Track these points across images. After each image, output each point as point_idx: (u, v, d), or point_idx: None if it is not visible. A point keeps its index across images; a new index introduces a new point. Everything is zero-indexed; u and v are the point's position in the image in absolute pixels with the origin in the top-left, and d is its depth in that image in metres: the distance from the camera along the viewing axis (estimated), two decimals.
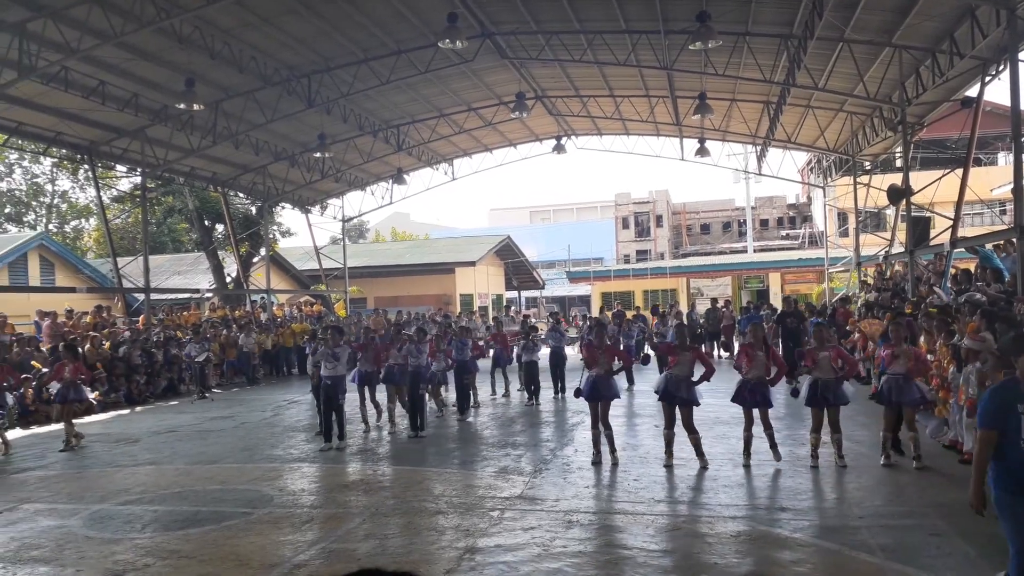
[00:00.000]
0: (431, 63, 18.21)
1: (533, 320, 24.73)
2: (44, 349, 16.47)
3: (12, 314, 18.72)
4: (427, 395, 12.57)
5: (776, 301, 30.27)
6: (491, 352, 15.93)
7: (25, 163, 40.50)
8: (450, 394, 14.20)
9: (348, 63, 18.15)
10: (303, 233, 54.08)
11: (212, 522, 7.22)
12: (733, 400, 8.90)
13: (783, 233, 56.00)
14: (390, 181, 29.08)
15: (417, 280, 36.05)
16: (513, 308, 34.14)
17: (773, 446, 8.66)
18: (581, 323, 25.81)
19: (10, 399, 12.08)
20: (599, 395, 9.10)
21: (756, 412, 8.71)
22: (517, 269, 42.58)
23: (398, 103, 22.09)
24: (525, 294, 47.18)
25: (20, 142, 20.01)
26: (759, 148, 26.14)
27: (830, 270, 28.85)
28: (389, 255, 40.48)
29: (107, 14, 13.41)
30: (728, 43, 15.85)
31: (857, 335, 14.68)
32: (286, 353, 23.15)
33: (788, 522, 6.63)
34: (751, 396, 8.68)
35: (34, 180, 42.05)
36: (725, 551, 5.95)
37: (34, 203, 42.58)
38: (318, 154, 22.21)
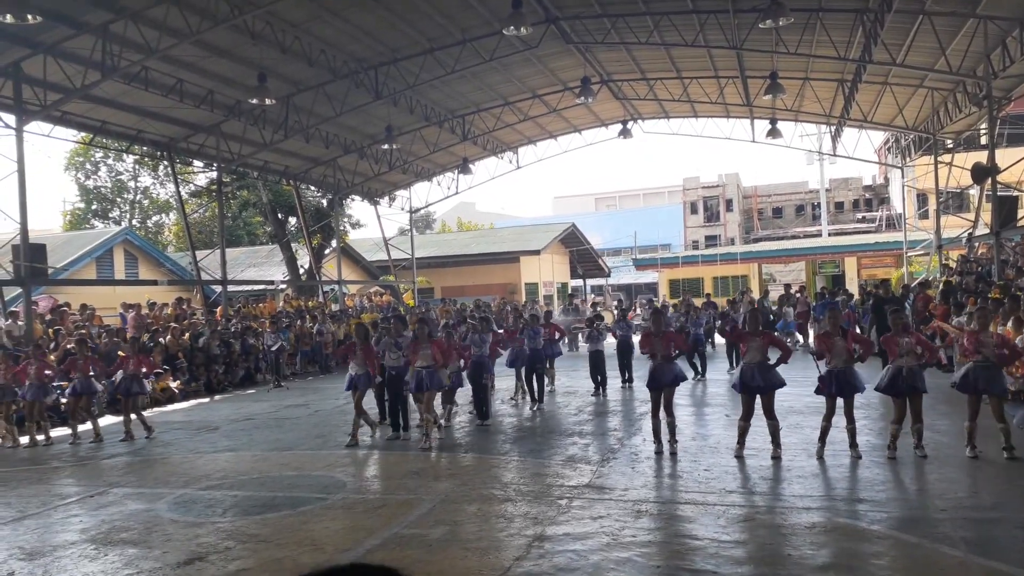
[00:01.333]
0: (496, 51, 18.23)
1: (599, 308, 24.57)
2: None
3: (99, 306, 19.62)
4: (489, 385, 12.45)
5: (852, 286, 29.33)
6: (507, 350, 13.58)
7: (109, 161, 42.25)
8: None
9: (414, 54, 18.32)
10: (372, 224, 54.99)
11: (288, 507, 7.44)
12: (817, 392, 8.60)
13: (859, 216, 54.16)
14: (456, 171, 29.28)
15: (483, 270, 36.24)
16: (578, 297, 34.00)
17: (853, 444, 8.35)
18: (641, 311, 25.58)
19: (99, 387, 12.60)
20: (661, 382, 8.99)
21: (840, 403, 8.42)
22: (582, 257, 42.36)
23: (463, 92, 22.19)
24: (590, 282, 46.91)
25: (105, 140, 20.89)
26: (833, 128, 25.32)
27: (909, 254, 27.80)
28: (455, 245, 40.80)
29: (184, 13, 13.86)
30: (800, 20, 15.37)
31: (935, 322, 14.10)
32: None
33: (866, 514, 6.44)
34: (835, 385, 8.38)
35: (118, 177, 43.84)
36: (800, 542, 5.82)
37: (118, 200, 44.40)
38: (385, 146, 22.52)
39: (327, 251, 31.87)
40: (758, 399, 8.52)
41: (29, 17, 11.43)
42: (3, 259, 15.75)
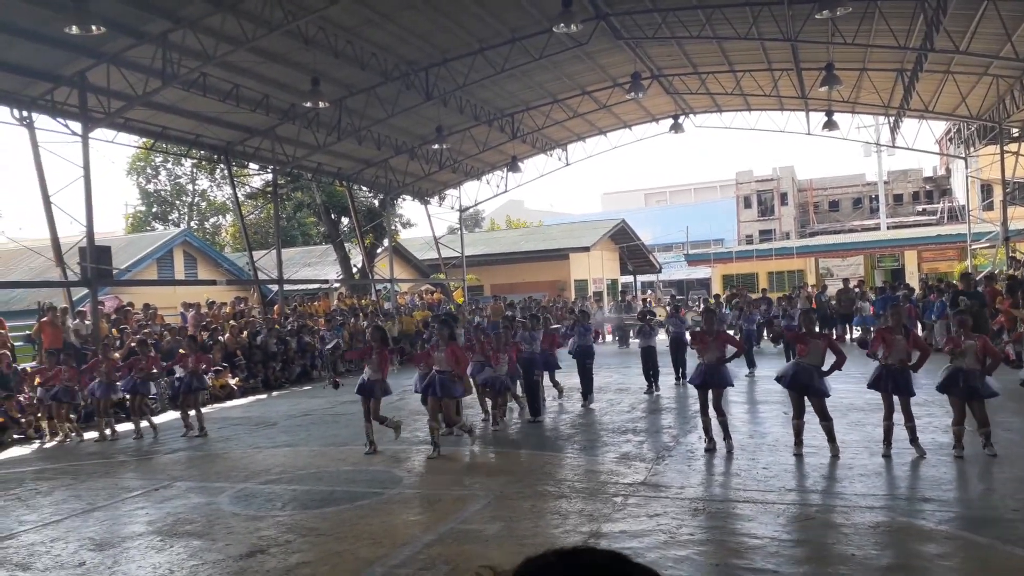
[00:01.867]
0: (545, 49, 18.19)
1: (651, 304, 24.37)
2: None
3: (161, 306, 20.21)
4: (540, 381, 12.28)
5: (912, 280, 28.52)
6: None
7: (169, 165, 43.49)
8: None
9: (464, 54, 18.41)
10: (422, 224, 55.32)
11: (346, 501, 7.56)
12: (870, 386, 8.43)
13: (919, 208, 52.60)
14: (505, 169, 29.33)
15: (532, 267, 36.25)
16: (630, 294, 33.77)
17: (914, 440, 8.14)
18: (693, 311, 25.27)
19: (153, 388, 12.97)
20: (709, 383, 8.88)
21: (896, 400, 8.22)
22: (632, 253, 42.03)
23: (512, 91, 22.22)
24: (641, 278, 46.52)
25: (165, 145, 21.47)
26: (892, 119, 24.61)
27: (973, 246, 26.90)
28: (504, 243, 40.89)
29: (239, 21, 14.18)
30: (858, 10, 14.99)
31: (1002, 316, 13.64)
32: (410, 340, 23.85)
33: (932, 513, 6.26)
34: (891, 383, 8.18)
35: (177, 180, 45.10)
36: (863, 542, 5.69)
37: (177, 202, 45.67)
38: (436, 146, 22.70)
39: (379, 250, 32.26)
40: (807, 400, 8.38)
41: (93, 28, 11.79)
42: (71, 261, 16.33)
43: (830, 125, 23.76)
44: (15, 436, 12.39)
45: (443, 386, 9.46)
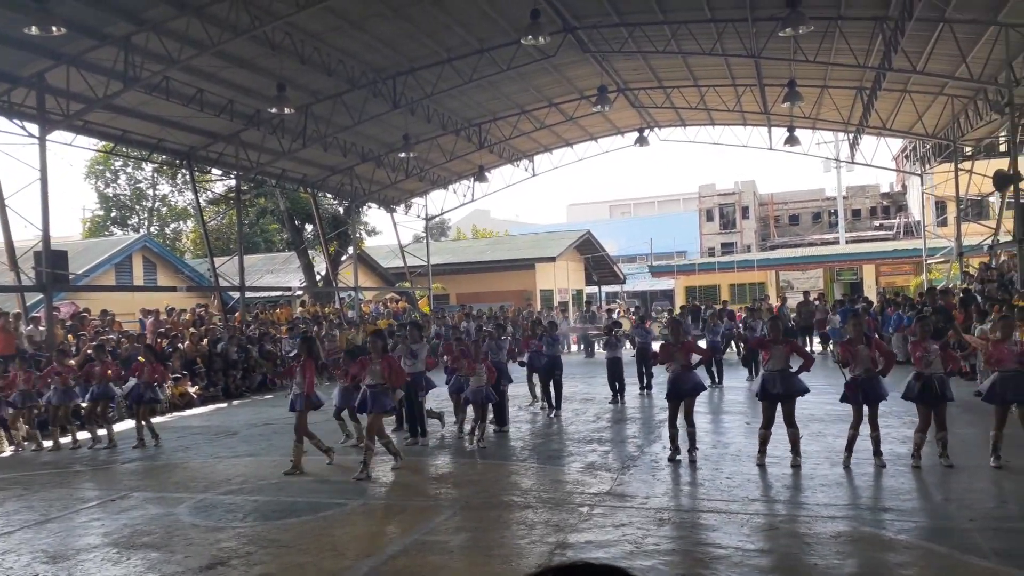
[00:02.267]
0: (513, 60, 18.28)
1: (616, 316, 24.51)
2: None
3: (119, 312, 19.79)
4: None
5: (870, 294, 29.10)
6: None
7: (129, 169, 42.71)
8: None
9: (432, 63, 18.41)
10: (388, 232, 55.14)
11: (309, 512, 7.44)
12: (843, 400, 8.52)
13: (876, 223, 53.83)
14: (472, 179, 29.36)
15: (498, 276, 36.25)
16: (595, 304, 33.94)
17: (877, 452, 8.25)
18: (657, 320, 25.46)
19: (117, 392, 12.68)
20: (681, 392, 8.94)
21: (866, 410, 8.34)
22: (597, 264, 42.30)
23: (480, 101, 22.27)
24: (606, 289, 46.80)
25: (125, 149, 21.09)
26: (852, 135, 25.21)
27: (929, 261, 27.57)
28: (470, 252, 40.85)
29: (204, 25, 14.01)
30: (819, 28, 15.34)
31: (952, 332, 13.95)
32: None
33: (892, 523, 6.37)
34: (861, 393, 8.29)
35: (137, 185, 44.31)
36: (826, 552, 5.76)
37: (137, 207, 44.85)
38: (403, 154, 22.64)
39: (343, 258, 32.01)
40: (779, 407, 8.46)
41: (54, 29, 11.57)
42: (25, 265, 15.92)
43: (791, 140, 24.23)
44: None
45: (375, 400, 8.88)
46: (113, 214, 44.06)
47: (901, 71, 17.10)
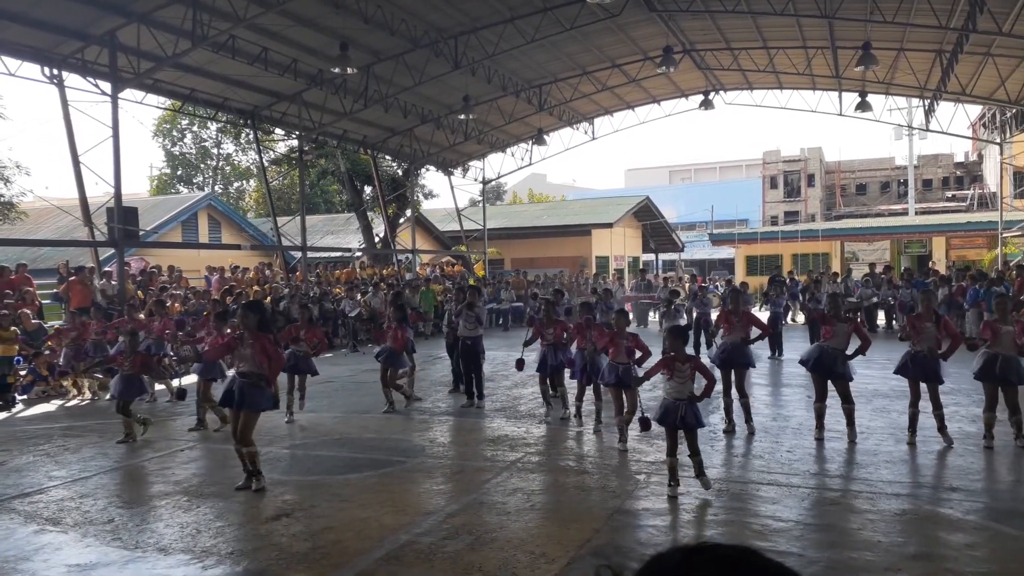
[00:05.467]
0: (576, 19, 17.94)
1: (674, 284, 24.19)
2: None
3: (185, 268, 20.35)
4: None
5: (940, 267, 28.10)
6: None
7: (195, 128, 43.61)
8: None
9: (494, 23, 18.20)
10: (445, 195, 55.29)
11: (370, 468, 7.60)
12: (897, 372, 8.35)
13: (949, 194, 51.75)
14: (530, 142, 29.11)
15: (553, 242, 36.11)
16: (650, 272, 33.58)
17: (942, 428, 8.02)
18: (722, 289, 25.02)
19: (169, 348, 12.79)
20: (732, 362, 8.83)
21: (924, 388, 8.12)
22: (655, 231, 41.74)
23: (541, 62, 21.98)
24: (663, 256, 46.27)
25: (192, 108, 21.49)
26: (927, 101, 24.12)
27: (1004, 235, 26.44)
28: (526, 217, 40.73)
29: None
30: None
31: None
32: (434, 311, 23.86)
33: (959, 503, 6.19)
34: (918, 369, 8.09)
35: (202, 144, 45.26)
36: (889, 529, 5.64)
37: (202, 166, 45.86)
38: (462, 116, 22.53)
39: (401, 220, 32.25)
40: (831, 382, 8.32)
41: None
42: (98, 221, 16.44)
43: (863, 106, 23.30)
44: (42, 392, 12.59)
45: (246, 395, 6.84)
46: (179, 172, 45.16)
47: (986, 32, 16.23)
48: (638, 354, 8.11)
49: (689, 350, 14.22)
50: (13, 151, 38.09)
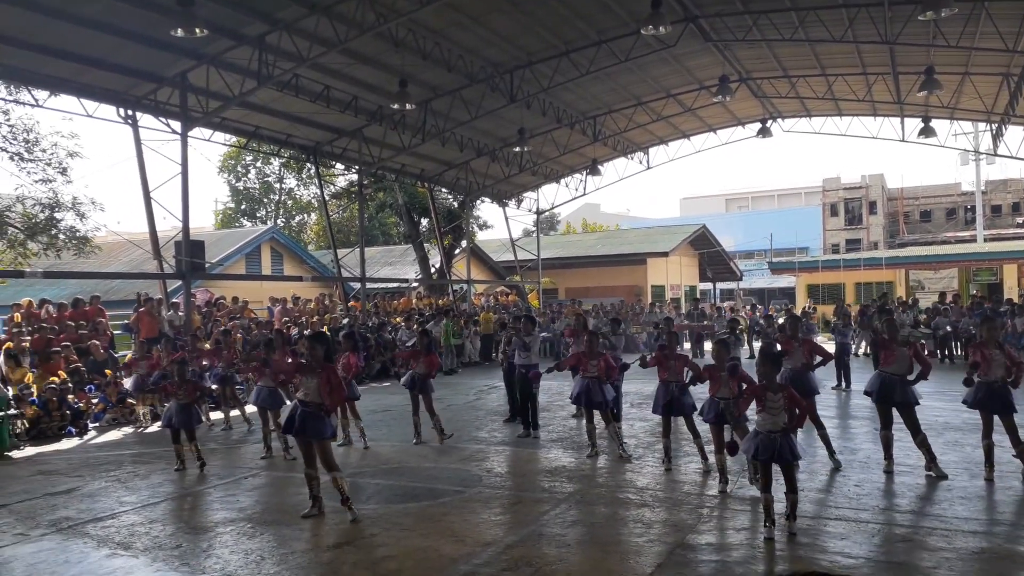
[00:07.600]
0: (631, 51, 18.05)
1: (733, 314, 23.79)
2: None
3: (249, 300, 20.88)
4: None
5: (1014, 295, 27.07)
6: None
7: (258, 164, 44.98)
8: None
9: (549, 56, 18.44)
10: (499, 225, 55.70)
11: (428, 498, 7.63)
12: (967, 404, 8.04)
13: (1019, 220, 49.99)
14: (584, 172, 29.24)
15: (608, 271, 36.01)
16: (705, 301, 33.15)
17: (1021, 454, 7.70)
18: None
19: (238, 378, 13.08)
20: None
21: (998, 420, 7.80)
22: (712, 259, 41.30)
23: (596, 94, 22.13)
24: (720, 285, 45.69)
25: (256, 145, 22.21)
26: (995, 126, 23.47)
27: None
28: (580, 246, 40.75)
29: (333, 23, 14.55)
30: (963, 10, 14.36)
31: None
32: (486, 340, 23.98)
33: None
34: (990, 401, 7.78)
35: (265, 179, 46.59)
36: (967, 569, 5.41)
37: (265, 200, 47.17)
38: (517, 148, 22.79)
39: (457, 251, 32.59)
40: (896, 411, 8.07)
41: (197, 31, 12.30)
42: (166, 254, 17.03)
43: (927, 132, 22.82)
44: (112, 420, 12.99)
45: (307, 422, 6.94)
46: (243, 206, 46.52)
47: None
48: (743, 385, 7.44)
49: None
50: (89, 188, 39.75)
